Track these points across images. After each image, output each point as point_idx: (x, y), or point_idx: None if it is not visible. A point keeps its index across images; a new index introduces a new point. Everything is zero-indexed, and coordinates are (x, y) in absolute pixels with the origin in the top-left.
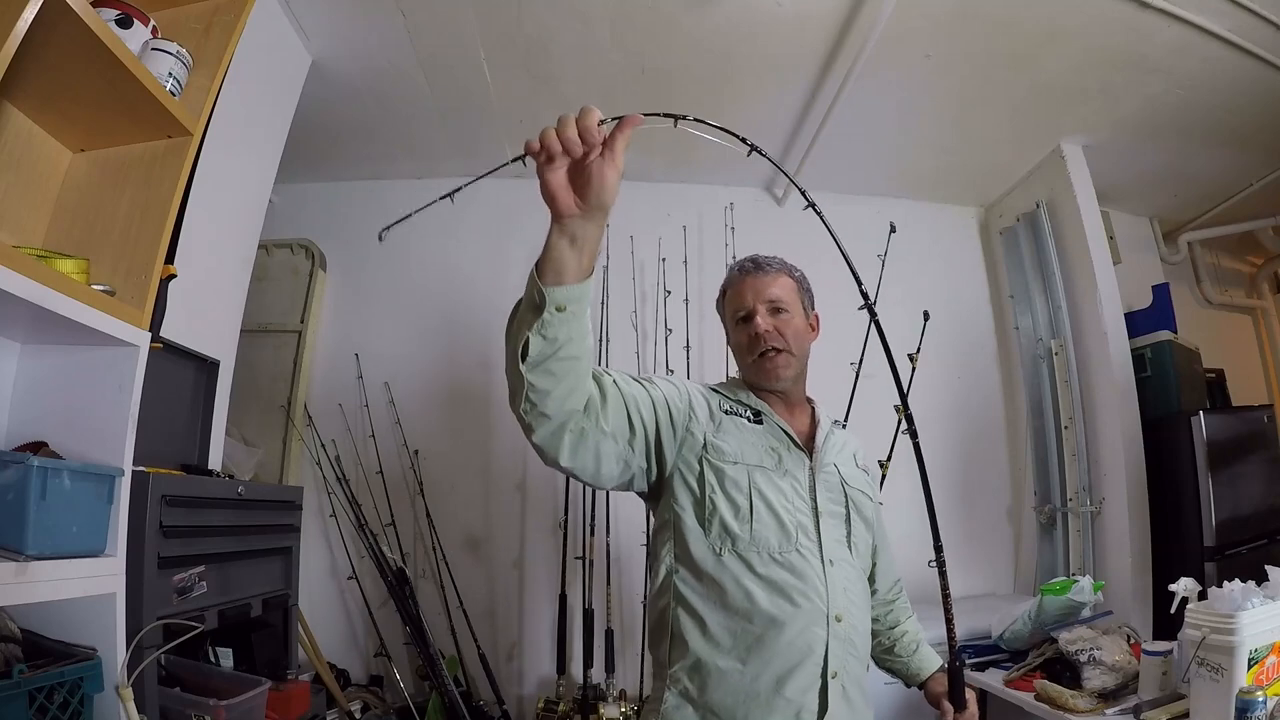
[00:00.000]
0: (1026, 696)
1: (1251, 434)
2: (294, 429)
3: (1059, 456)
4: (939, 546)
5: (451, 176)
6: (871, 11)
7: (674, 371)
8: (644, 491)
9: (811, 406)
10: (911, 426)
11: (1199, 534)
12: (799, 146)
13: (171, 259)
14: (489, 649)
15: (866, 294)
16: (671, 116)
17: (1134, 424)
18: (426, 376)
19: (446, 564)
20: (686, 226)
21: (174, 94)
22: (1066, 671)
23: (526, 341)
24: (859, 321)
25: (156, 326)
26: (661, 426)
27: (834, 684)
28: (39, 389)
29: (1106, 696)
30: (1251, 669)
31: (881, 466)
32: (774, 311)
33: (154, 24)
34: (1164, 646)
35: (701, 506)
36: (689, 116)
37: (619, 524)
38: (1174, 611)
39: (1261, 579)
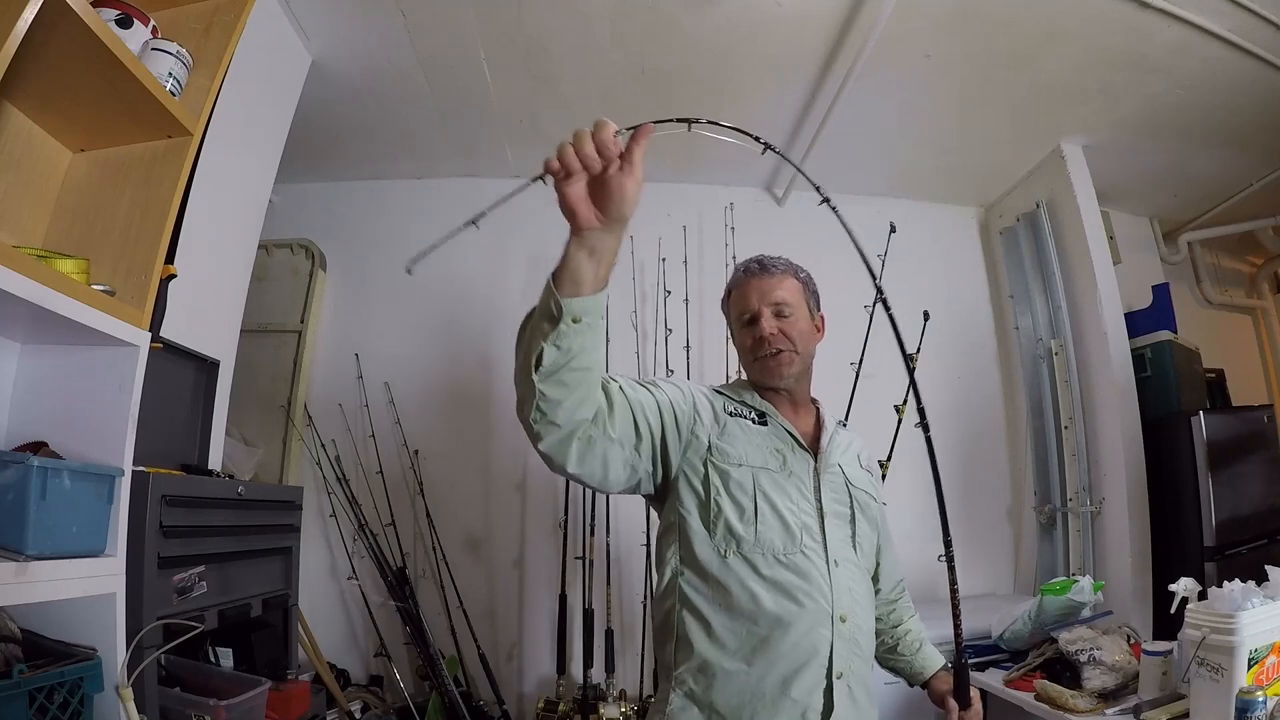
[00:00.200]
0: (1026, 696)
1: (1251, 434)
2: (294, 429)
3: (1059, 456)
4: (948, 541)
5: (452, 176)
6: (871, 11)
7: (674, 372)
8: (650, 494)
9: (816, 407)
10: (924, 420)
11: (1199, 534)
12: (799, 146)
13: (171, 259)
14: (489, 649)
15: (880, 287)
16: (685, 121)
17: (1134, 424)
18: (426, 376)
19: (446, 564)
20: (686, 226)
21: (174, 94)
22: (1066, 671)
23: (541, 351)
24: (860, 321)
25: (156, 326)
26: (667, 430)
27: (839, 684)
28: (39, 389)
29: (1106, 696)
30: (1251, 669)
31: (882, 466)
32: (779, 314)
33: (154, 24)
34: (1164, 646)
35: (706, 509)
36: (702, 120)
37: (619, 524)
38: (1174, 611)
39: (1261, 579)
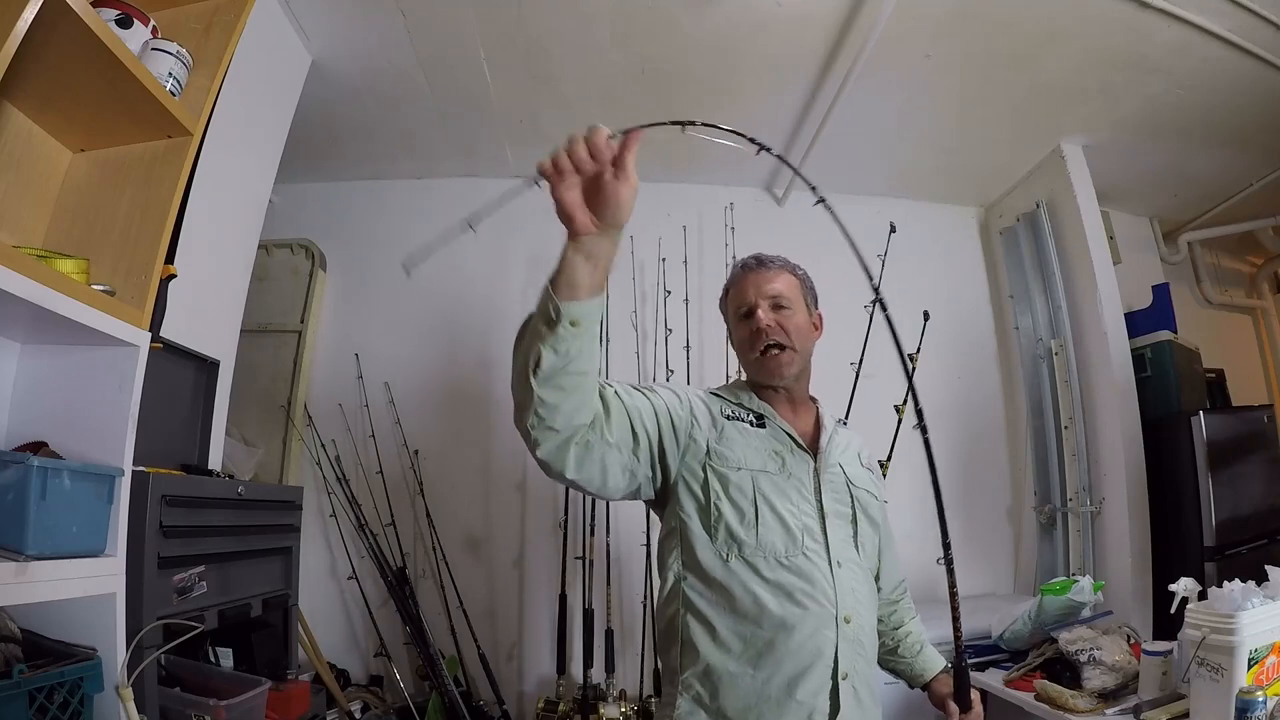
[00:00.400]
0: (1026, 696)
1: (1251, 434)
2: (294, 429)
3: (1059, 456)
4: (947, 544)
5: (452, 176)
6: (871, 11)
7: (674, 372)
8: (650, 499)
9: (816, 406)
10: (922, 422)
11: (1199, 534)
12: (799, 147)
13: (171, 259)
14: (489, 649)
15: (877, 288)
16: (680, 124)
17: (1134, 424)
18: (426, 376)
19: (446, 564)
20: (686, 226)
21: (174, 94)
22: (1066, 671)
23: (540, 355)
24: (859, 321)
25: (156, 326)
26: (664, 435)
27: (845, 685)
28: (39, 389)
29: (1106, 696)
30: (1251, 669)
31: (882, 466)
32: (776, 307)
33: (154, 24)
34: (1164, 646)
35: (707, 513)
36: (696, 122)
37: (619, 524)
38: (1174, 611)
39: (1261, 579)
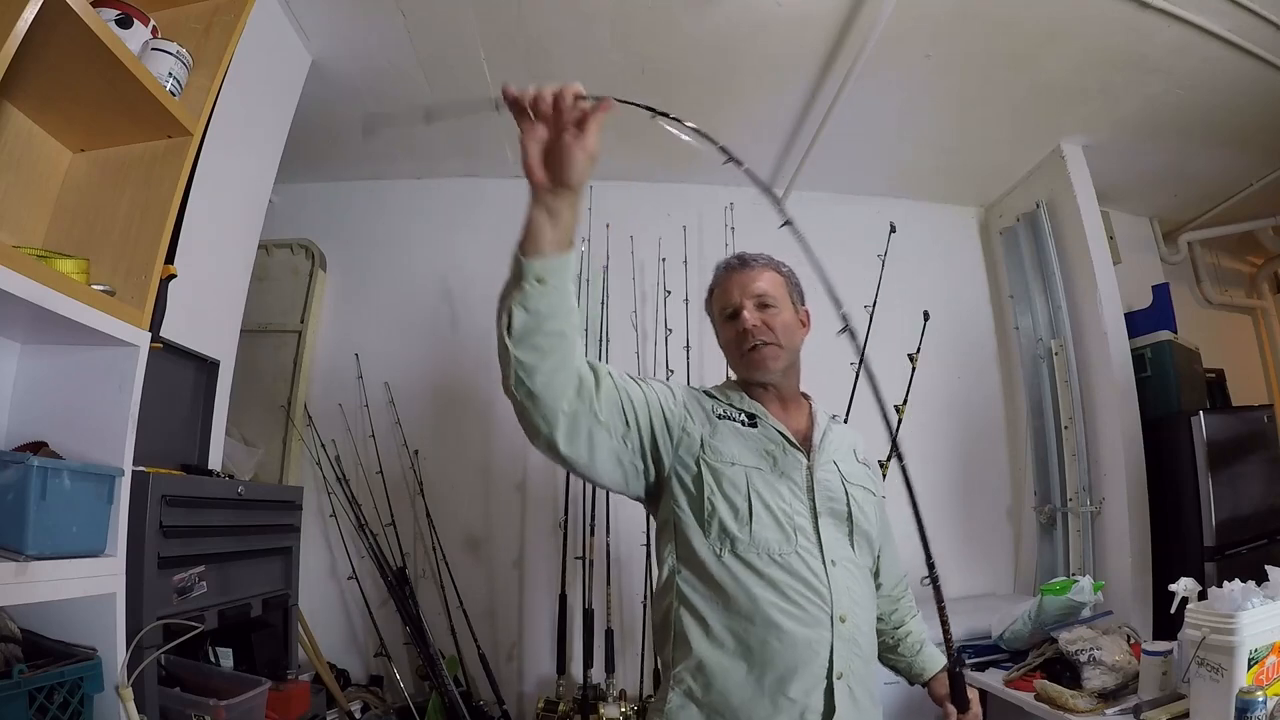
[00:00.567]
0: (1026, 696)
1: (1251, 434)
2: (294, 429)
3: (1059, 456)
4: (931, 564)
5: (452, 176)
6: (871, 11)
7: (674, 372)
8: (641, 496)
9: (808, 403)
10: (902, 462)
11: (1199, 534)
12: (799, 146)
13: (171, 259)
14: (489, 649)
15: (847, 316)
16: (650, 110)
17: (1134, 424)
18: (426, 376)
19: (446, 564)
20: (686, 226)
21: (174, 94)
22: (1066, 671)
23: (510, 313)
24: (859, 322)
25: (156, 326)
26: (656, 425)
27: (840, 685)
28: (39, 389)
29: (1106, 696)
30: (1251, 669)
31: (881, 466)
32: (761, 306)
33: (154, 24)
34: (1164, 646)
35: (700, 508)
36: (668, 115)
37: (619, 524)
38: (1174, 611)
39: (1261, 579)
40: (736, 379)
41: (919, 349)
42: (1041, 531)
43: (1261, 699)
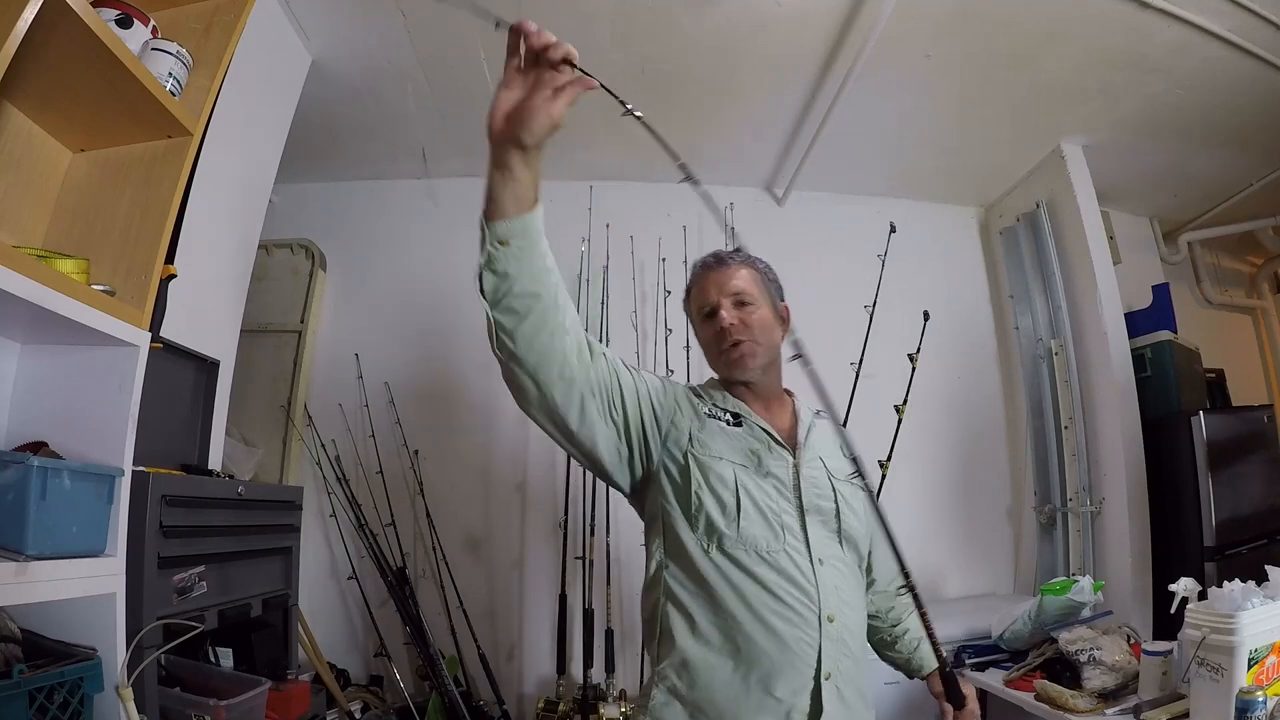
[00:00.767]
0: (1026, 696)
1: (1251, 434)
2: (294, 429)
3: (1059, 456)
4: (907, 573)
5: (452, 176)
6: (871, 11)
7: (674, 372)
8: (624, 488)
9: (792, 400)
10: (866, 484)
11: (1199, 534)
12: (799, 146)
13: (171, 259)
14: (489, 649)
15: (799, 342)
16: (624, 105)
17: (1134, 424)
18: (426, 376)
19: (446, 564)
20: (686, 226)
21: (174, 94)
22: (1066, 671)
23: (480, 277)
24: (859, 321)
25: (156, 326)
26: (645, 415)
27: (828, 685)
28: (39, 389)
29: (1106, 696)
30: (1251, 669)
31: (881, 467)
32: (739, 304)
33: (154, 24)
34: (1164, 646)
35: (688, 502)
36: (641, 117)
37: (619, 524)
38: (1174, 611)
39: (1261, 579)
40: (718, 378)
41: (919, 349)
42: (1041, 531)
43: (1261, 699)
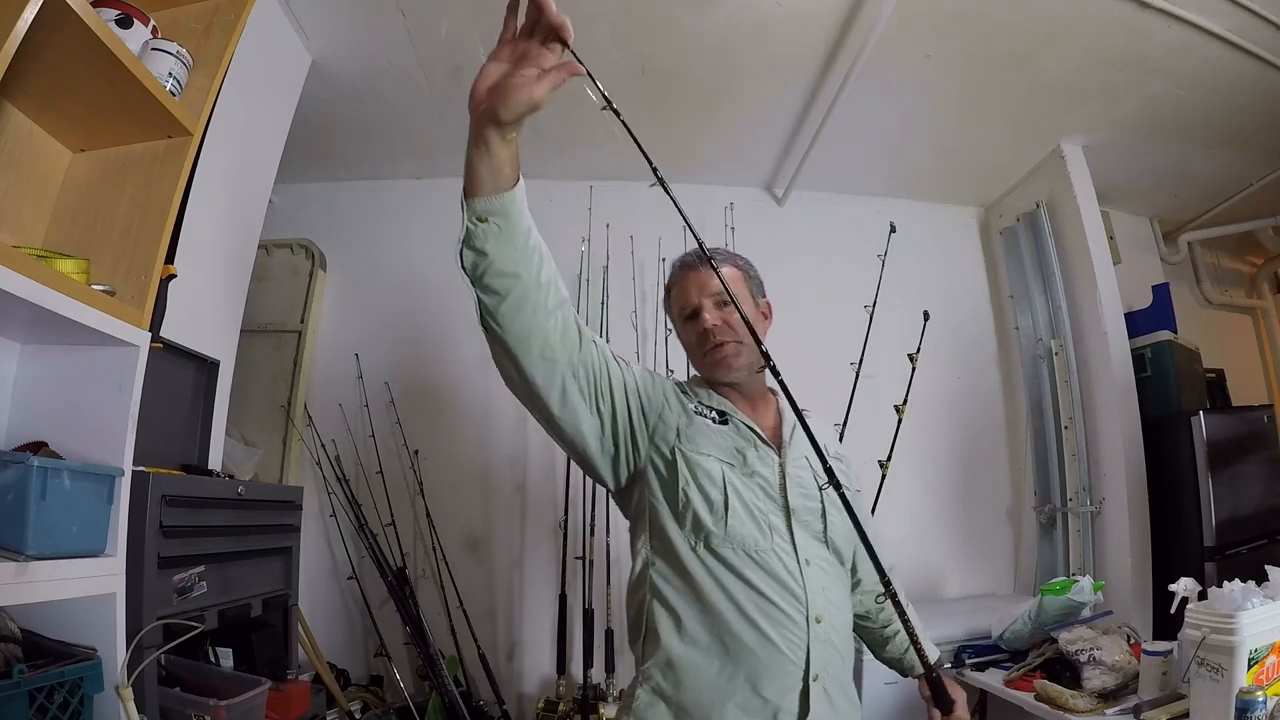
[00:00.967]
0: (1026, 696)
1: (1251, 434)
2: (294, 429)
3: (1059, 456)
4: (887, 582)
5: (452, 176)
6: (871, 11)
7: (674, 372)
8: (608, 483)
9: (776, 399)
10: (840, 489)
11: (1199, 534)
12: (799, 146)
13: (171, 259)
14: (489, 649)
15: (767, 353)
16: (605, 99)
17: (1134, 424)
18: (426, 376)
19: (446, 564)
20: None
21: (174, 94)
22: (1066, 671)
23: (461, 254)
24: (859, 321)
25: (156, 326)
26: (633, 408)
27: (815, 686)
28: (39, 389)
29: (1106, 696)
30: (1251, 669)
31: (882, 466)
32: (720, 304)
33: (154, 24)
34: (1164, 646)
35: (675, 499)
36: (619, 115)
37: (619, 524)
38: (1174, 611)
39: (1261, 579)
40: (702, 377)
41: (919, 349)
42: (1041, 531)
43: (1261, 699)
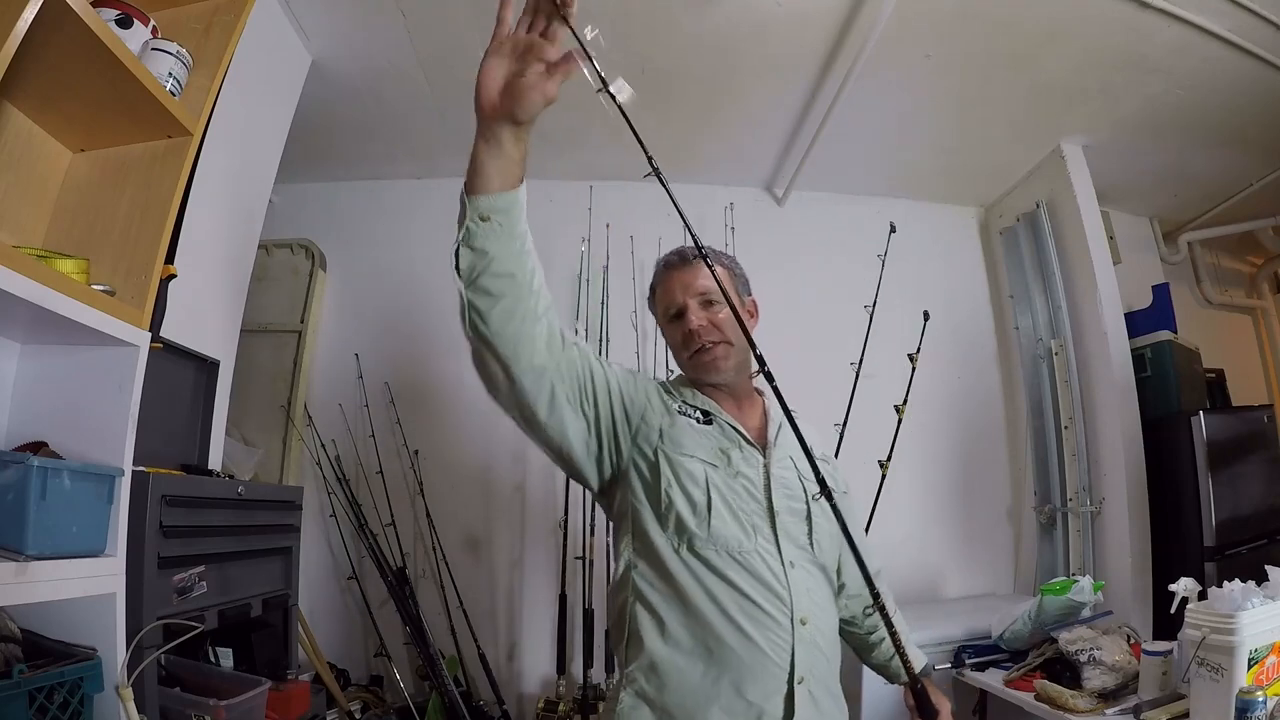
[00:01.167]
0: (1026, 696)
1: (1251, 434)
2: (294, 429)
3: (1059, 456)
4: (875, 594)
5: (452, 176)
6: (871, 11)
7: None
8: (592, 484)
9: (762, 399)
10: (832, 501)
11: (1199, 534)
12: (799, 146)
13: (171, 259)
14: (489, 649)
15: (762, 359)
16: (603, 82)
17: (1134, 424)
18: (427, 377)
19: (446, 564)
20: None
21: (174, 94)
22: (1066, 671)
23: (458, 254)
24: (859, 321)
25: (156, 326)
26: (616, 409)
27: (800, 689)
28: (39, 389)
29: (1106, 696)
30: (1251, 669)
31: (882, 467)
32: (706, 304)
33: (154, 24)
34: (1164, 646)
35: (658, 500)
36: (616, 99)
37: None
38: (1174, 611)
39: (1261, 579)
40: (688, 377)
41: (919, 349)
42: (1041, 531)
43: (1261, 699)
